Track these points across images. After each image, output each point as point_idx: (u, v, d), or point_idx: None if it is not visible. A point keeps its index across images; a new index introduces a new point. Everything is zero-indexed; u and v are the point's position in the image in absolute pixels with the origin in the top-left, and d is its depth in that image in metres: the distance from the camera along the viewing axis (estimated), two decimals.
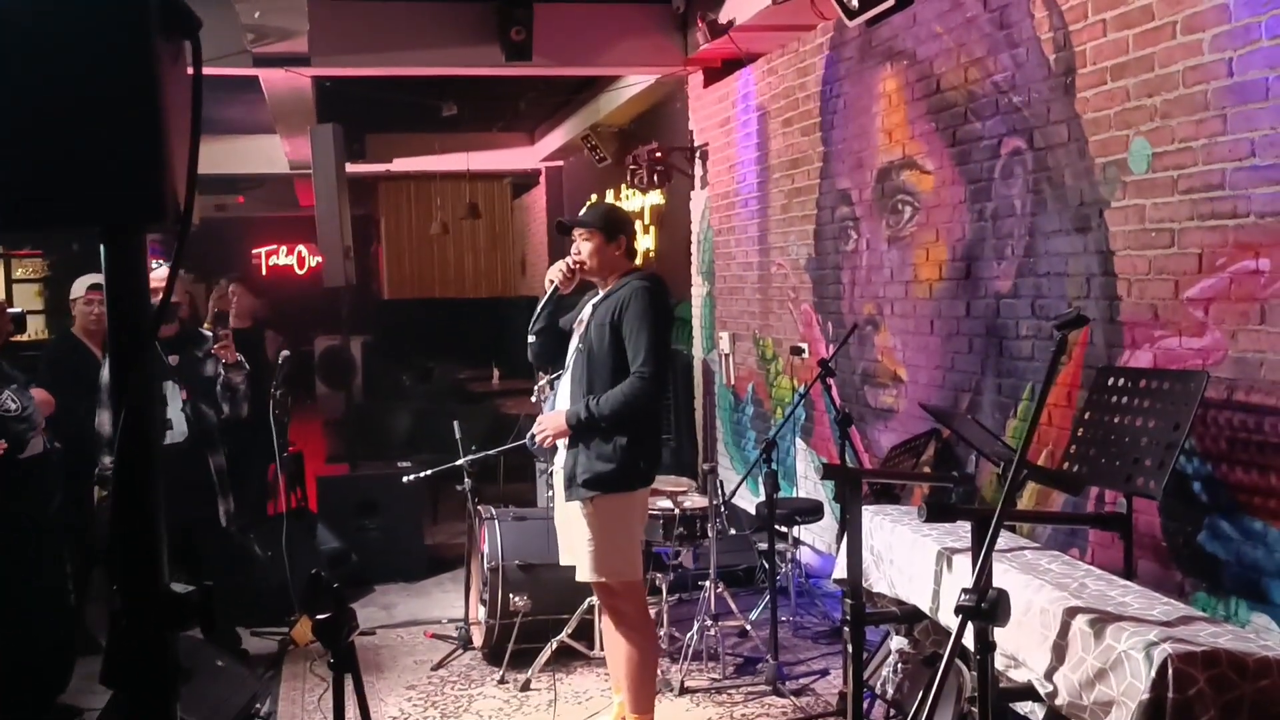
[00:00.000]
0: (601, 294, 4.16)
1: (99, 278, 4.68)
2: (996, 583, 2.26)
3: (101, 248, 1.34)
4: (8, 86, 1.29)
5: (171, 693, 1.33)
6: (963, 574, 2.92)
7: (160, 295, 1.53)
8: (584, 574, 4.08)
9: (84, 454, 4.97)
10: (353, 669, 2.17)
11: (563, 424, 4.03)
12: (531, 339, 4.24)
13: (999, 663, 2.47)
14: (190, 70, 1.35)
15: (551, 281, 4.19)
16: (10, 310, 3.37)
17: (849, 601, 3.09)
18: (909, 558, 3.23)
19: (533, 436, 4.27)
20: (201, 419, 5.09)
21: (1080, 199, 4.25)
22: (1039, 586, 2.66)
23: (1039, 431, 4.49)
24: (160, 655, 1.30)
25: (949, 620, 3.02)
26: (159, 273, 5.13)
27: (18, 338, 5.31)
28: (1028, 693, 2.59)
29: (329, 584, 2.13)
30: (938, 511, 2.43)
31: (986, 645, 2.20)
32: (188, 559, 4.87)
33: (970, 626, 2.17)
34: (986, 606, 2.09)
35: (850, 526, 3.14)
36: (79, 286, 5.22)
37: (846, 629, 3.30)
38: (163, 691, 1.31)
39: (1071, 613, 2.47)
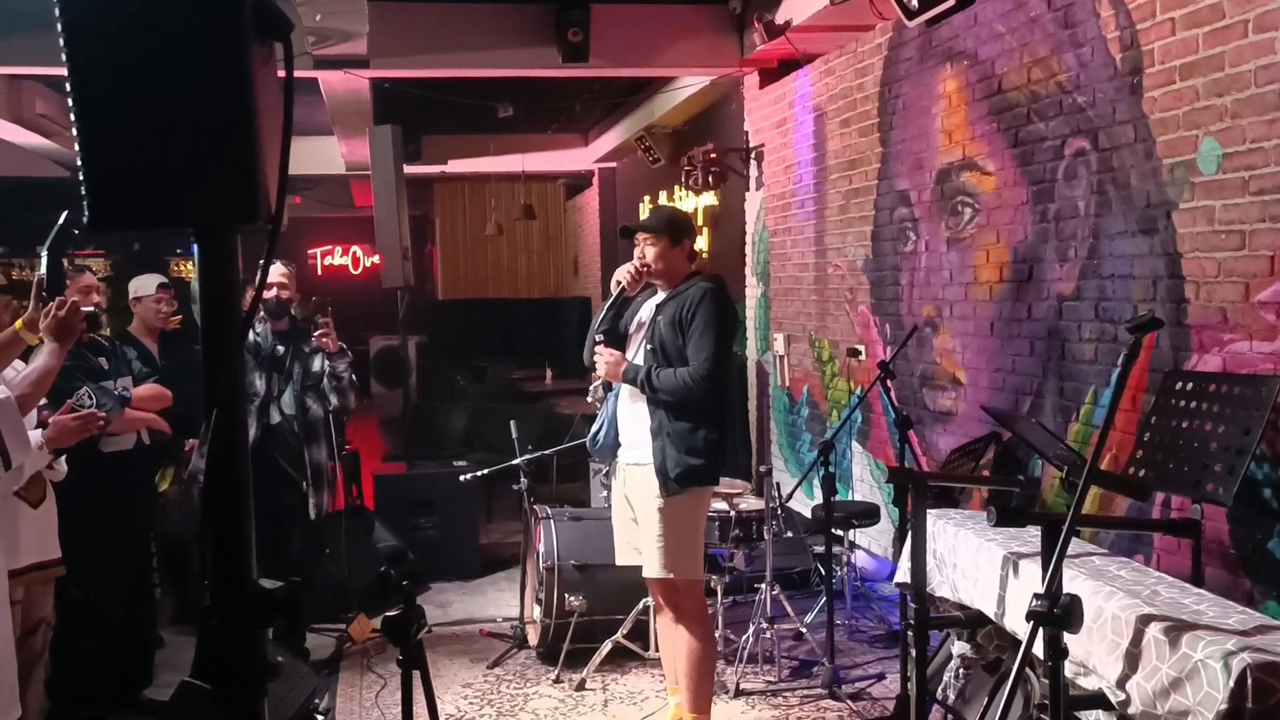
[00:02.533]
0: (665, 295, 4.19)
1: (163, 277, 4.77)
2: (1066, 589, 2.23)
3: (194, 247, 1.37)
4: (105, 89, 1.32)
5: (260, 689, 1.35)
6: (1029, 579, 2.89)
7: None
8: (652, 570, 4.10)
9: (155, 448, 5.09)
10: (421, 666, 2.19)
11: (619, 372, 4.13)
12: (598, 339, 4.27)
13: (1068, 670, 2.44)
14: (281, 71, 1.37)
15: (618, 283, 4.24)
16: (84, 309, 3.43)
17: (913, 606, 3.06)
18: (973, 562, 3.20)
19: (595, 437, 4.30)
20: (306, 412, 5.17)
21: (1147, 200, 4.18)
22: (1110, 593, 2.62)
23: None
24: (249, 652, 1.32)
25: (1015, 626, 2.99)
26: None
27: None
28: (1098, 700, 2.55)
29: (398, 582, 2.15)
30: (1007, 516, 2.40)
31: (1059, 652, 2.17)
32: (274, 549, 4.97)
33: (1041, 632, 2.14)
34: (1059, 612, 2.06)
35: (915, 530, 3.11)
36: (146, 285, 5.30)
37: (908, 633, 3.27)
38: (251, 687, 1.33)
39: (1145, 620, 2.43)
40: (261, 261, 1.44)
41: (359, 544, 6.23)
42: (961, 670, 3.48)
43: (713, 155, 8.00)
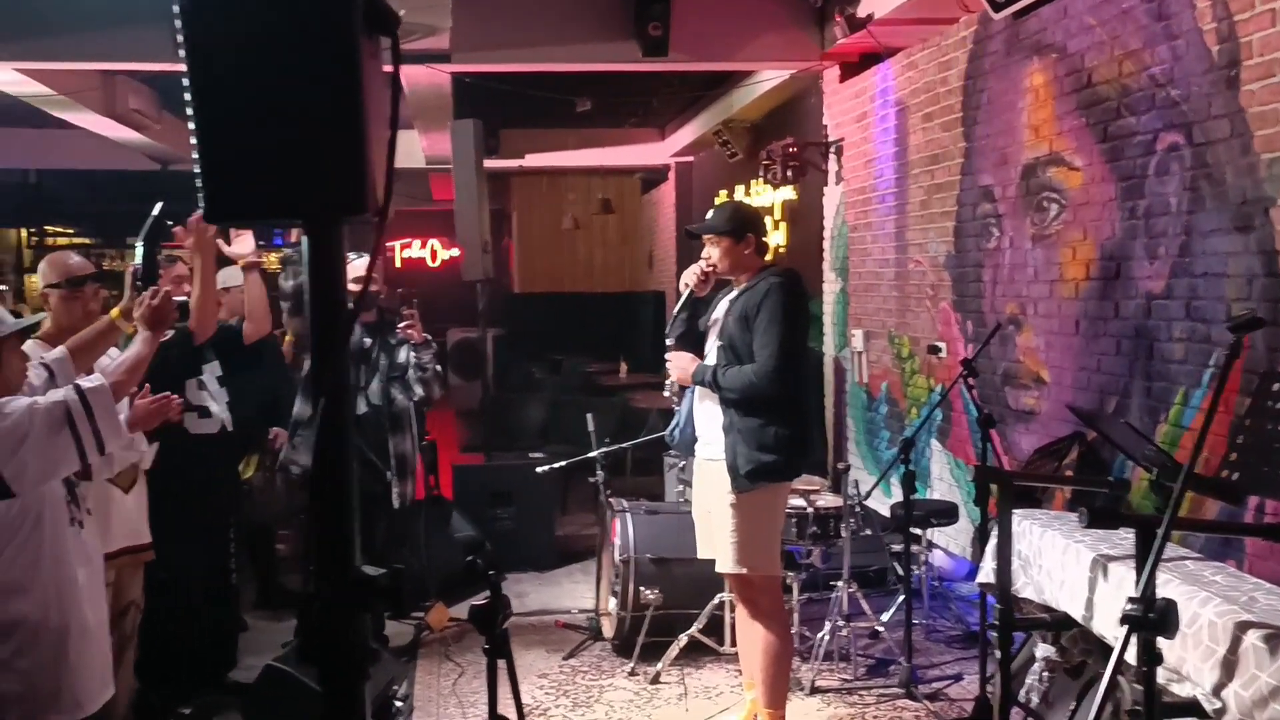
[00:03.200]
0: (738, 290, 4.17)
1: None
2: (1160, 593, 2.18)
3: (303, 239, 1.40)
4: (221, 84, 1.35)
5: (361, 673, 1.37)
6: (1119, 582, 2.83)
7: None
8: (725, 565, 4.10)
9: (242, 434, 5.20)
10: (506, 655, 2.21)
11: (689, 373, 4.14)
12: (670, 343, 4.28)
13: (1160, 676, 2.39)
14: (387, 65, 1.39)
15: (686, 285, 4.26)
16: (176, 298, 3.51)
17: (998, 607, 3.02)
18: (1060, 563, 3.15)
19: (673, 431, 4.31)
20: (392, 403, 5.26)
21: (1243, 197, 4.07)
22: (1205, 599, 2.57)
23: (1192, 437, 4.32)
24: (351, 636, 1.35)
25: (1104, 629, 2.93)
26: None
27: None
28: (1192, 708, 2.50)
29: (485, 570, 2.17)
30: (1100, 517, 2.36)
31: (1153, 657, 2.12)
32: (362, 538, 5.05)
33: (1135, 638, 2.10)
34: (1155, 617, 2.02)
35: (1001, 530, 3.07)
36: (235, 276, 5.42)
37: (992, 634, 3.23)
38: (353, 671, 1.36)
39: (1243, 627, 2.37)
40: (369, 253, 1.47)
41: (437, 533, 6.31)
42: (1045, 673, 3.43)
43: (792, 149, 7.95)
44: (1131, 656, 2.22)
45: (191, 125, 1.36)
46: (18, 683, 2.82)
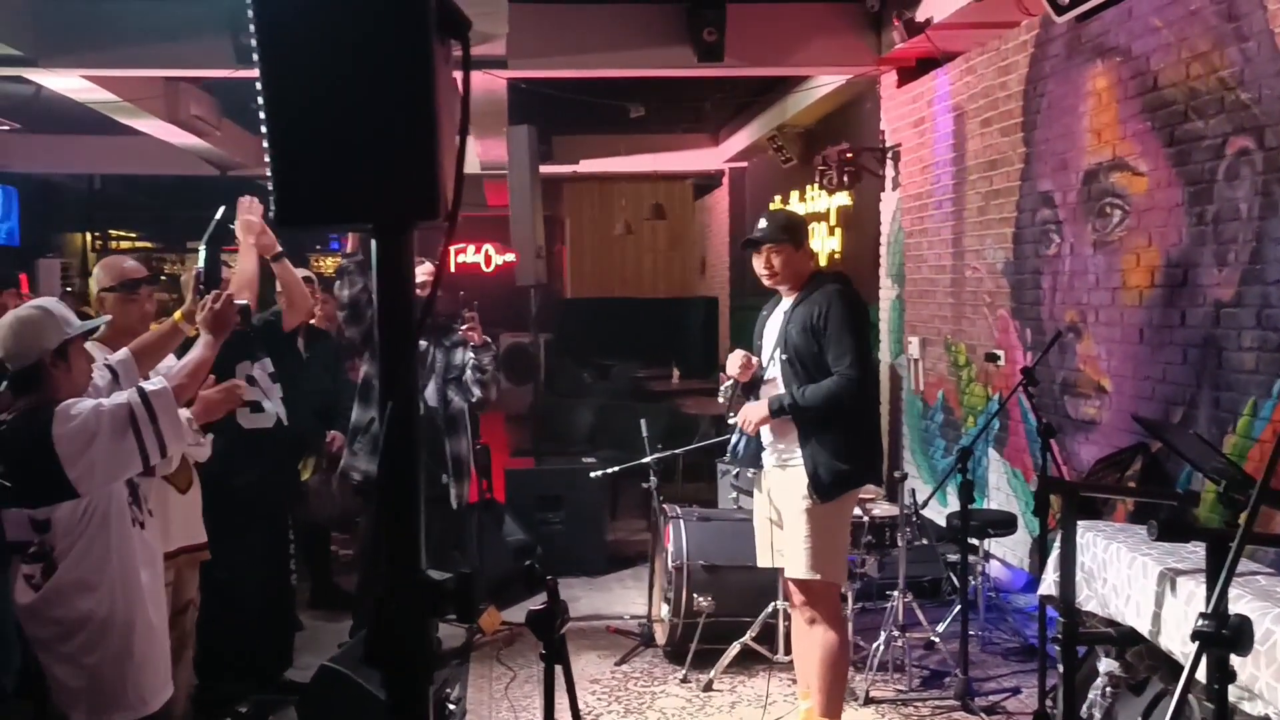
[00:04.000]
0: (791, 301, 4.16)
1: (307, 270, 4.96)
2: (1231, 609, 2.12)
3: (373, 244, 1.40)
4: (294, 88, 1.36)
5: (427, 676, 1.37)
6: (1188, 597, 2.77)
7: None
8: (796, 570, 4.09)
9: (293, 434, 5.25)
10: (564, 661, 2.20)
11: (765, 412, 4.10)
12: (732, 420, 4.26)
13: (1231, 694, 2.33)
14: (458, 70, 1.39)
15: (732, 378, 4.23)
16: (238, 302, 3.55)
17: (1062, 620, 2.96)
18: (1125, 577, 3.08)
19: (737, 445, 4.29)
20: (449, 405, 5.29)
21: None
22: (1278, 615, 2.50)
23: (1261, 449, 4.22)
24: (419, 639, 1.35)
25: (1171, 645, 2.87)
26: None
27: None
28: None
29: (543, 575, 2.16)
30: (1170, 529, 2.30)
31: (1225, 675, 2.07)
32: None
33: (1206, 655, 2.05)
34: (1228, 633, 1.96)
35: (1065, 542, 3.01)
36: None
37: (1054, 647, 3.17)
38: (420, 673, 1.36)
39: None
40: (428, 258, 1.47)
41: (489, 536, 6.33)
42: (1109, 689, 3.36)
43: (848, 155, 7.89)
44: (1202, 674, 2.17)
45: (264, 129, 1.36)
46: (84, 678, 2.87)
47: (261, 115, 1.35)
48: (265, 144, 1.36)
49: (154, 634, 3.01)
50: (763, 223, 4.23)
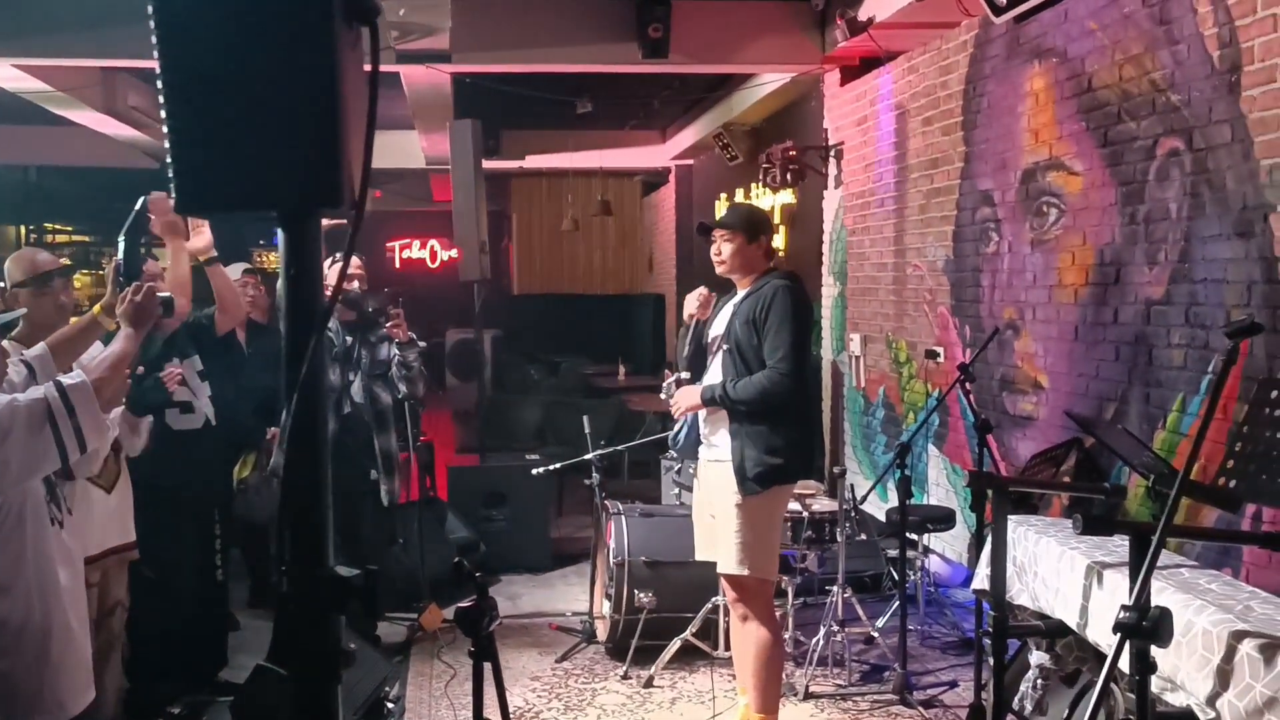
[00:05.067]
0: (742, 294, 4.17)
1: (247, 264, 4.89)
2: (1154, 601, 2.16)
3: (279, 232, 1.37)
4: (194, 72, 1.33)
5: (334, 674, 1.35)
6: (1114, 590, 2.80)
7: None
8: (727, 566, 4.09)
9: (232, 432, 5.17)
10: (492, 658, 2.18)
11: (696, 399, 4.14)
12: (685, 375, 4.30)
13: (1154, 685, 2.36)
14: (367, 57, 1.37)
15: (690, 315, 4.30)
16: (160, 295, 3.47)
17: (992, 614, 2.99)
18: (1055, 570, 3.12)
19: (676, 435, 4.31)
20: (375, 401, 5.24)
21: (1243, 202, 4.04)
22: (1200, 607, 2.54)
23: (1189, 444, 4.29)
24: (324, 637, 1.32)
25: (1098, 637, 2.90)
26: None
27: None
28: (1186, 718, 2.47)
29: (472, 573, 2.15)
30: (1094, 524, 2.33)
31: (1146, 666, 2.10)
32: (344, 536, 5.04)
33: (1129, 646, 2.07)
34: (1148, 625, 1.99)
35: (995, 536, 3.04)
36: (231, 272, 5.40)
37: (987, 640, 3.20)
38: (326, 673, 1.33)
39: (1238, 636, 2.34)
40: (342, 251, 1.44)
41: (431, 534, 6.28)
42: (1040, 681, 3.40)
43: (791, 153, 7.92)
44: (1125, 665, 2.20)
45: (163, 114, 1.33)
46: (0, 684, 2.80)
47: (160, 99, 1.32)
48: (164, 129, 1.33)
49: (73, 636, 2.93)
50: (724, 211, 4.27)
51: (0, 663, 2.77)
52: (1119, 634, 2.03)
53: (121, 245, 3.75)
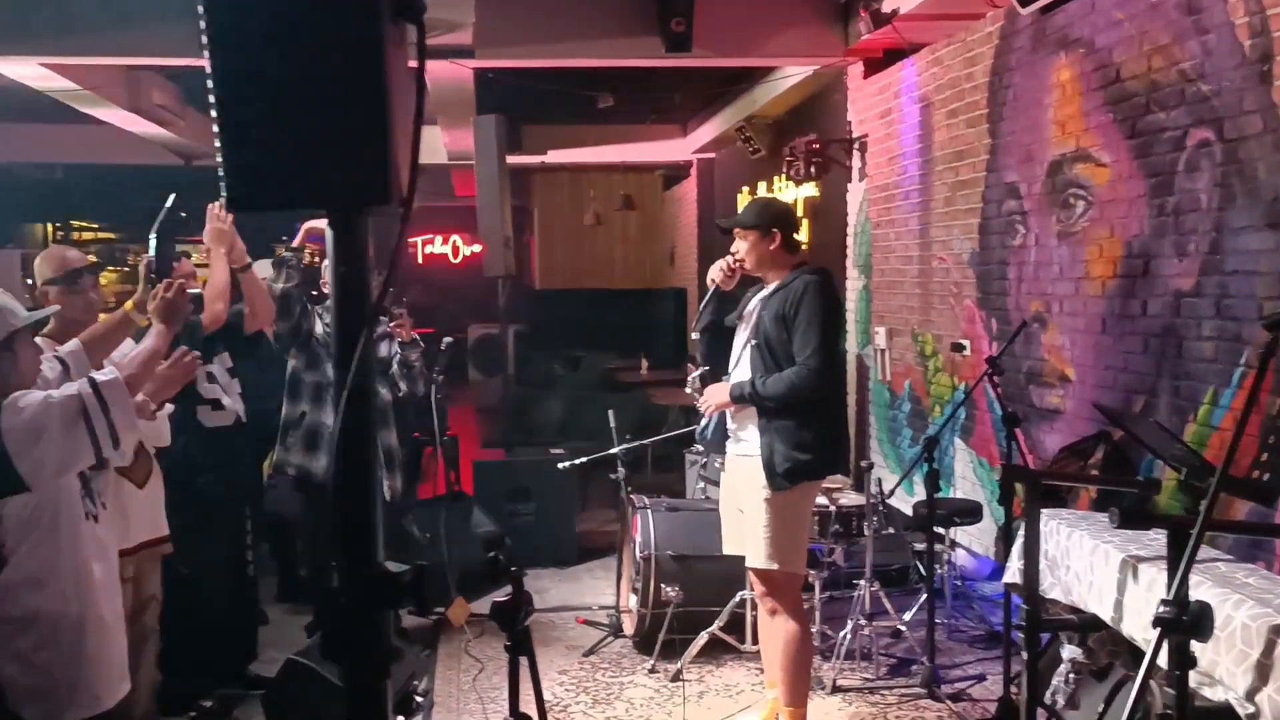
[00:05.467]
0: (770, 288, 4.16)
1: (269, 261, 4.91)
2: (1192, 595, 2.14)
3: (327, 229, 1.38)
4: (241, 72, 1.34)
5: (384, 670, 1.36)
6: (1150, 584, 2.79)
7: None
8: (755, 560, 4.09)
9: (261, 428, 5.20)
10: (528, 652, 2.19)
11: (726, 397, 4.14)
12: (695, 336, 4.30)
13: (1191, 680, 2.35)
14: (413, 53, 1.37)
15: (713, 281, 4.24)
16: (190, 291, 3.51)
17: (1024, 607, 2.98)
18: (1088, 564, 3.11)
19: (704, 429, 4.30)
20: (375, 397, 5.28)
21: (1275, 193, 4.01)
22: (1238, 601, 2.52)
23: (1221, 437, 4.27)
24: (374, 632, 1.33)
25: (1133, 631, 2.89)
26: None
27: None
28: (1224, 713, 2.45)
29: (507, 567, 2.15)
30: (1131, 517, 2.32)
31: (1185, 661, 2.08)
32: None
33: (1167, 640, 2.06)
34: (1189, 620, 1.98)
35: (1028, 530, 3.03)
36: (261, 270, 5.43)
37: (1018, 634, 3.19)
38: (376, 667, 1.34)
39: (1277, 630, 2.33)
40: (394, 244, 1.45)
41: (458, 529, 6.30)
42: (1071, 675, 3.38)
43: (815, 146, 7.90)
44: (1163, 660, 2.19)
45: (213, 113, 1.34)
46: (36, 676, 2.82)
47: (211, 99, 1.33)
48: (215, 129, 1.34)
49: (107, 629, 2.96)
50: (743, 205, 4.26)
51: (37, 656, 2.81)
52: (1159, 629, 2.02)
53: (153, 243, 3.79)
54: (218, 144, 1.34)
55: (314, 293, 5.10)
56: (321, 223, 4.95)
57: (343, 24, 1.30)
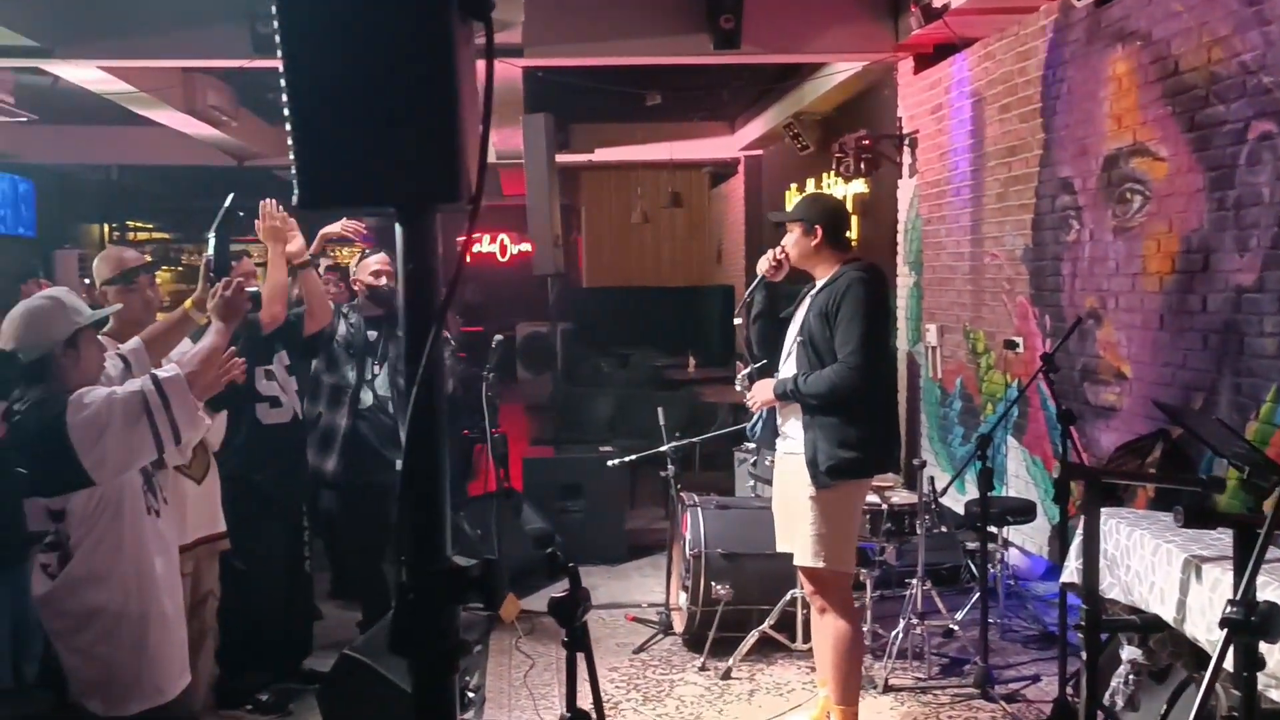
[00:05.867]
0: (819, 285, 4.14)
1: (329, 260, 4.97)
2: (1258, 596, 2.11)
3: (397, 226, 1.39)
4: (313, 71, 1.35)
5: (453, 665, 1.37)
6: (1214, 584, 2.74)
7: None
8: (802, 558, 4.07)
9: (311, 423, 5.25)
10: (586, 648, 2.19)
11: (770, 394, 4.14)
12: (737, 322, 4.29)
13: (1259, 682, 2.31)
14: (481, 57, 1.38)
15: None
16: (248, 289, 3.55)
17: (1084, 607, 2.94)
18: (1149, 564, 3.06)
19: (754, 426, 4.30)
20: (399, 393, 5.30)
21: None
22: None
23: None
24: (443, 627, 1.34)
25: (1196, 632, 2.85)
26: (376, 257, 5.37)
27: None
28: None
29: (565, 563, 2.16)
30: (1197, 516, 2.28)
31: (1254, 662, 2.05)
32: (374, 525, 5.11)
33: (1234, 642, 2.03)
34: (1256, 620, 1.95)
35: (1088, 529, 2.99)
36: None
37: (1075, 635, 3.15)
38: (444, 663, 1.35)
39: None
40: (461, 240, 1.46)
41: (507, 525, 6.33)
42: (1132, 677, 3.33)
43: (865, 142, 7.85)
44: (1229, 662, 2.15)
45: (286, 112, 1.36)
46: (99, 668, 2.88)
47: (284, 98, 1.34)
48: (288, 127, 1.35)
49: (169, 623, 3.01)
50: (792, 201, 4.25)
51: (100, 649, 2.86)
52: (1226, 629, 1.99)
53: (212, 242, 3.84)
54: (290, 143, 1.35)
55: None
56: (336, 227, 5.00)
57: (413, 23, 1.31)
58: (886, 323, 4.31)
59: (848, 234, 4.31)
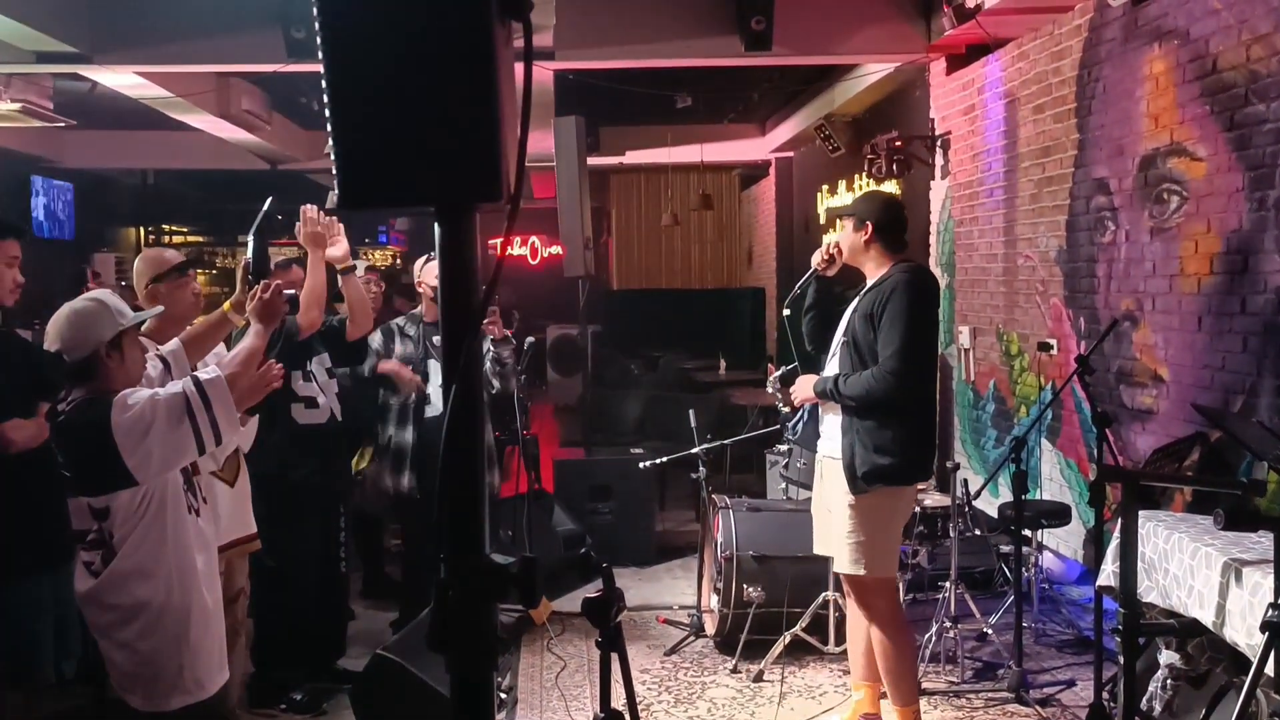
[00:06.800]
0: (867, 285, 4.09)
1: (369, 261, 5.03)
2: None
3: (436, 226, 1.40)
4: (354, 72, 1.36)
5: (492, 662, 1.37)
6: (1255, 588, 2.71)
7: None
8: (841, 565, 4.04)
9: (352, 424, 5.29)
10: (620, 649, 2.19)
11: (810, 391, 4.10)
12: (786, 313, 4.26)
13: None
14: (519, 58, 1.38)
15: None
16: (286, 292, 3.58)
17: (1122, 611, 2.91)
18: (1188, 567, 3.03)
19: (795, 424, 4.27)
20: None
21: None
22: None
23: None
24: (482, 625, 1.34)
25: (1236, 636, 2.81)
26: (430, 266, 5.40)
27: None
28: None
29: (599, 563, 2.16)
30: (1237, 519, 2.25)
31: None
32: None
33: (1276, 646, 2.01)
34: None
35: (1125, 532, 2.96)
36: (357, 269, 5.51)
37: (1113, 639, 3.12)
38: (484, 660, 1.35)
39: None
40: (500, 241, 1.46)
41: (539, 527, 6.34)
42: (1169, 681, 3.30)
43: (897, 143, 7.82)
44: (1270, 666, 2.13)
45: (327, 112, 1.37)
46: (141, 663, 2.91)
47: (324, 99, 1.35)
48: (328, 128, 1.36)
49: (209, 619, 3.04)
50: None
51: (143, 644, 2.89)
52: (1267, 633, 1.97)
53: (251, 244, 3.87)
54: (330, 142, 1.36)
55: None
56: (336, 251, 5.02)
57: (453, 23, 1.32)
58: (932, 328, 4.17)
59: (903, 234, 4.18)
